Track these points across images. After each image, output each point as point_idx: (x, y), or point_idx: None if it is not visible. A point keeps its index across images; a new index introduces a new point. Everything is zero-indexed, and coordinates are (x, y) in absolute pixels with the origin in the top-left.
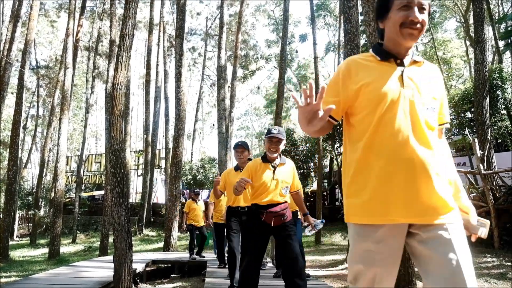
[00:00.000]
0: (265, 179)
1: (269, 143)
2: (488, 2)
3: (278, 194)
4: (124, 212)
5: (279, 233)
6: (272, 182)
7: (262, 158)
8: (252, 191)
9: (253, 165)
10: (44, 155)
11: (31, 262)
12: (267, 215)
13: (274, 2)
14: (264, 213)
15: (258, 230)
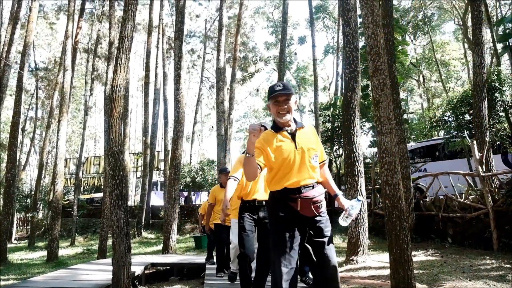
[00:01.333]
0: (286, 152)
1: (276, 104)
2: (486, 5)
3: (309, 169)
4: (123, 215)
5: (312, 228)
6: (296, 154)
7: (273, 127)
8: (271, 175)
9: (265, 138)
10: (42, 157)
11: (30, 265)
12: (304, 202)
13: (273, 4)
14: (298, 199)
15: (291, 225)
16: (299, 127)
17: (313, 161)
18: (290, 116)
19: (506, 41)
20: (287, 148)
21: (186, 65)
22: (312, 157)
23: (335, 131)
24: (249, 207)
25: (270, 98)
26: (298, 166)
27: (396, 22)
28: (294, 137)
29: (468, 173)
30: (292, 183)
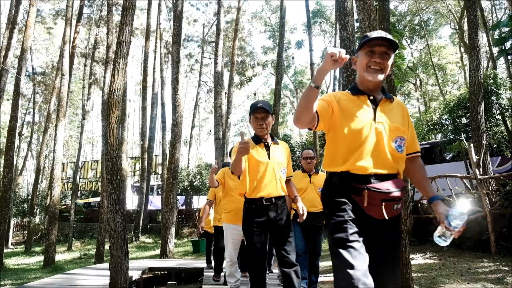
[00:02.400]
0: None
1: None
2: (482, 9)
3: (388, 153)
4: (120, 219)
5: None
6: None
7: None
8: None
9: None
10: (39, 162)
11: (26, 270)
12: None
13: (270, 9)
14: (366, 190)
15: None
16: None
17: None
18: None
19: (502, 45)
20: (362, 117)
21: (184, 69)
22: (395, 139)
23: None
24: (255, 208)
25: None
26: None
27: (393, 27)
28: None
29: (466, 176)
30: (359, 167)
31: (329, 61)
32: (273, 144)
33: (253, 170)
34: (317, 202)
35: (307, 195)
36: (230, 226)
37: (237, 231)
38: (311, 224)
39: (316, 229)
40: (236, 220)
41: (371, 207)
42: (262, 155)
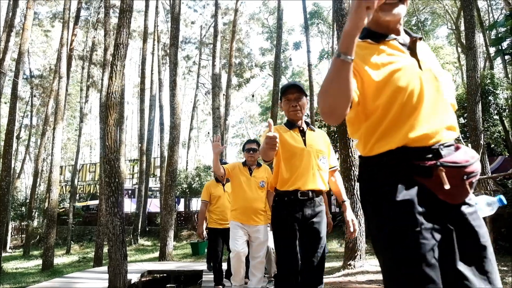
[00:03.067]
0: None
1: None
2: (479, 10)
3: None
4: (118, 222)
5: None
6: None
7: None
8: (371, 121)
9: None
10: (37, 165)
11: (24, 274)
12: (451, 174)
13: (268, 10)
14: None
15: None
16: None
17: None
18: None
19: (498, 45)
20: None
21: (181, 71)
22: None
23: (331, 135)
24: (288, 202)
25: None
26: (431, 103)
27: None
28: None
29: None
30: (421, 137)
31: (363, 11)
32: (309, 130)
33: (287, 159)
34: None
35: None
36: (238, 224)
37: (244, 230)
38: None
39: None
40: (244, 219)
41: (451, 189)
42: (297, 142)
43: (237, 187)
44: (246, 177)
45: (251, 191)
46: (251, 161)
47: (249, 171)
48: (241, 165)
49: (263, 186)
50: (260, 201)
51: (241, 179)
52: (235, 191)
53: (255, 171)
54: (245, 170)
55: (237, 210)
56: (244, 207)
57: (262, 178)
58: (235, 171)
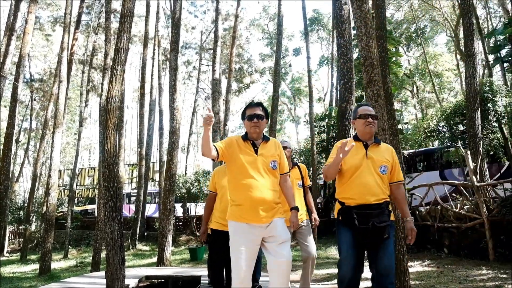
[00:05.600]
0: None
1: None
2: (478, 17)
3: None
4: (117, 227)
5: None
6: None
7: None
8: None
9: None
10: (36, 169)
11: (21, 278)
12: None
13: (268, 16)
14: None
15: None
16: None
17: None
18: None
19: (497, 53)
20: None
21: (181, 76)
22: None
23: (330, 141)
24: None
25: (359, 115)
26: None
27: (390, 34)
28: None
29: (463, 183)
30: None
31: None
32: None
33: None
34: None
35: None
36: (241, 227)
37: (253, 235)
38: None
39: None
40: (250, 217)
41: None
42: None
43: (237, 171)
44: (250, 156)
45: (259, 175)
46: (255, 134)
47: (254, 148)
48: (240, 140)
49: (275, 168)
50: (272, 190)
51: (242, 160)
52: (235, 177)
53: (262, 147)
54: (247, 146)
55: (240, 205)
56: (251, 200)
57: (272, 156)
58: (233, 149)
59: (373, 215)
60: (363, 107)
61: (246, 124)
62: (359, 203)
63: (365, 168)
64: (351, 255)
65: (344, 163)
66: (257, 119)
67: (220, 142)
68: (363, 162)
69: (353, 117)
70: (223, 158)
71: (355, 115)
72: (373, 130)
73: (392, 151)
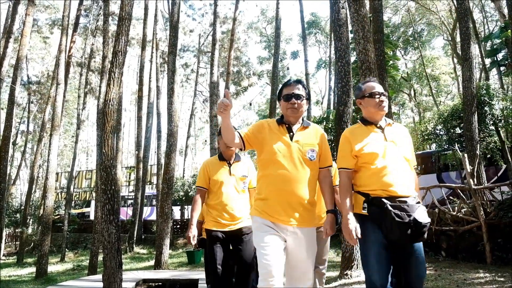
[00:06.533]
0: None
1: None
2: (474, 21)
3: None
4: (114, 230)
5: None
6: None
7: None
8: None
9: None
10: (33, 172)
11: (18, 281)
12: None
13: (266, 20)
14: None
15: None
16: None
17: None
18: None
19: (494, 56)
20: None
21: (179, 79)
22: None
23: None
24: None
25: None
26: None
27: (387, 38)
28: None
29: (460, 186)
30: None
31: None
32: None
33: None
34: None
35: None
36: (265, 222)
37: (280, 232)
38: None
39: None
40: (277, 215)
41: None
42: None
43: (266, 159)
44: (283, 142)
45: (292, 166)
46: (292, 117)
47: (289, 133)
48: (274, 124)
49: (312, 159)
50: (308, 186)
51: (273, 146)
52: (263, 166)
53: (300, 133)
54: (281, 130)
55: (266, 200)
56: (278, 195)
57: (311, 144)
58: (263, 135)
59: (412, 208)
60: (370, 83)
61: (283, 105)
62: (390, 194)
63: (389, 154)
64: (384, 259)
65: (362, 150)
66: (295, 99)
67: (247, 127)
68: (385, 146)
69: (359, 96)
70: (252, 146)
71: (362, 94)
72: (386, 109)
73: (406, 130)
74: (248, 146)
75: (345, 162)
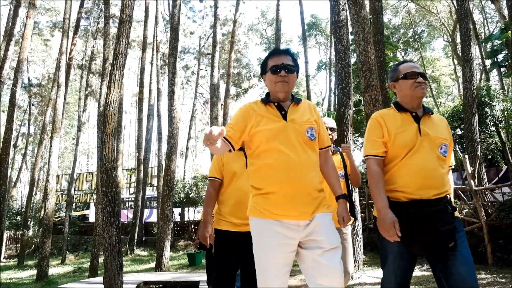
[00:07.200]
0: None
1: None
2: (474, 23)
3: None
4: (115, 232)
5: None
6: None
7: None
8: None
9: None
10: (34, 174)
11: (19, 284)
12: None
13: (266, 21)
14: None
15: None
16: None
17: None
18: None
19: (494, 57)
20: None
21: (180, 81)
22: None
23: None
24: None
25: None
26: None
27: (387, 39)
28: None
29: (461, 187)
30: None
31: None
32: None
33: None
34: None
35: None
36: (268, 224)
37: (286, 238)
38: None
39: None
40: (285, 212)
41: None
42: None
43: (262, 147)
44: (276, 124)
45: (292, 149)
46: (282, 93)
47: (281, 112)
48: (259, 105)
49: (313, 139)
50: (313, 170)
51: (266, 130)
52: (257, 155)
53: (293, 110)
54: (270, 110)
55: (267, 194)
56: (282, 186)
57: (308, 122)
58: (250, 121)
59: (433, 215)
60: (407, 63)
61: (269, 78)
62: (412, 198)
63: (420, 149)
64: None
65: (391, 140)
66: (285, 71)
67: (230, 123)
68: (417, 140)
69: (393, 78)
70: (240, 144)
71: (397, 76)
72: (424, 93)
73: (447, 124)
74: (237, 146)
75: (376, 148)
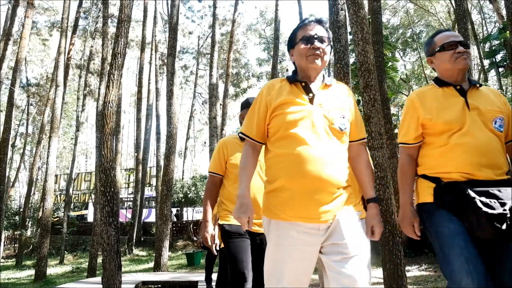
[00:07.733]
0: None
1: None
2: (473, 23)
3: None
4: (113, 232)
5: None
6: None
7: None
8: None
9: None
10: (32, 174)
11: (17, 284)
12: None
13: (265, 21)
14: None
15: None
16: None
17: None
18: None
19: (492, 58)
20: None
21: (179, 81)
22: None
23: None
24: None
25: None
26: None
27: (386, 39)
28: None
29: None
30: None
31: None
32: None
33: None
34: None
35: None
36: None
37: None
38: None
39: None
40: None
41: None
42: None
43: (281, 133)
44: (300, 107)
45: (316, 139)
46: (313, 69)
47: (307, 94)
48: (284, 84)
49: (343, 129)
50: (339, 164)
51: (288, 115)
52: (273, 144)
53: (322, 92)
54: (296, 91)
55: (283, 191)
56: (301, 182)
57: (340, 108)
58: (271, 97)
59: (507, 194)
60: (442, 33)
61: (299, 52)
62: (470, 178)
63: (471, 125)
64: (474, 257)
65: (433, 119)
66: (319, 42)
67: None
68: (466, 115)
69: (430, 52)
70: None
71: (433, 49)
72: (468, 64)
73: (499, 94)
74: (264, 140)
75: (406, 134)
